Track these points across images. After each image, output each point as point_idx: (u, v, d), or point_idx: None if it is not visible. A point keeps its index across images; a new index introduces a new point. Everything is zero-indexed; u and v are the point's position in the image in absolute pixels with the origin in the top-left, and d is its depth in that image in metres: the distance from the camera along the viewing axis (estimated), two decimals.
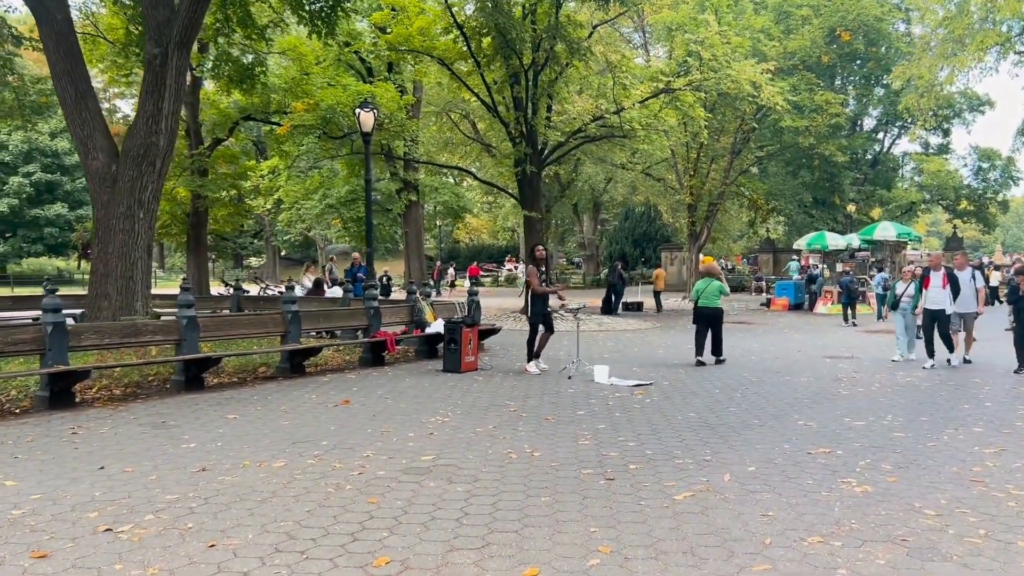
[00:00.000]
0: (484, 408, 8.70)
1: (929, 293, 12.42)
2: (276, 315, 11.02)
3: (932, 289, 12.38)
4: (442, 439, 7.12)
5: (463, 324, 11.46)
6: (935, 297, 12.32)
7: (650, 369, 12.12)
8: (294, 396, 9.37)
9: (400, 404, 8.90)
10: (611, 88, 19.88)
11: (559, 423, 7.91)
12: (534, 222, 23.18)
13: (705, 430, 7.62)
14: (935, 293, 12.33)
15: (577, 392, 9.89)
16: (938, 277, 12.38)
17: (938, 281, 12.36)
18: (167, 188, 29.99)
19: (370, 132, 14.20)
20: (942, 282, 12.30)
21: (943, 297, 12.26)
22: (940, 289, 12.29)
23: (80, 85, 13.22)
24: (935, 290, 12.35)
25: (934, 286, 12.39)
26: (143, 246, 13.16)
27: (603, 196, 57.98)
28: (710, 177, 33.25)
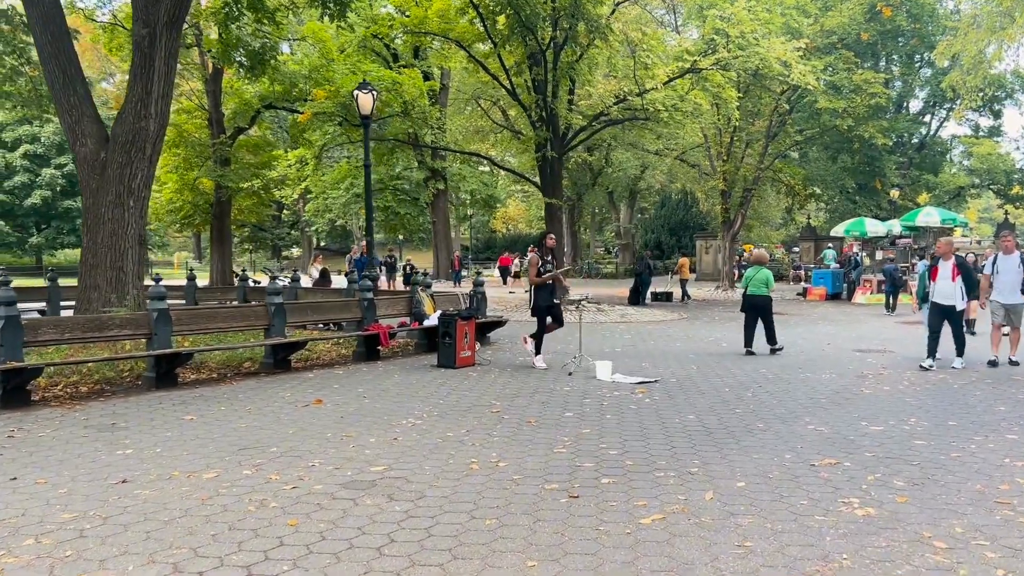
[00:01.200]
0: (465, 409, 8.00)
1: (936, 286, 10.79)
2: (259, 308, 10.44)
3: (940, 281, 10.74)
4: (404, 445, 6.45)
5: (458, 316, 10.77)
6: (943, 290, 10.68)
7: (662, 364, 11.31)
8: (268, 394, 8.78)
9: (376, 404, 8.24)
10: (633, 68, 18.97)
11: (540, 427, 7.18)
12: (555, 209, 22.41)
13: (701, 436, 6.83)
14: (943, 286, 10.69)
15: (573, 390, 9.14)
16: (947, 267, 10.70)
17: (947, 272, 10.69)
18: (189, 178, 29.90)
19: (369, 115, 13.55)
20: (951, 273, 10.62)
21: (952, 290, 10.59)
22: (949, 282, 10.64)
23: (68, 69, 12.78)
24: (943, 282, 10.70)
25: (942, 277, 10.73)
26: (133, 235, 12.70)
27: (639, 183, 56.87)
28: (744, 162, 32.09)
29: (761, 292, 12.52)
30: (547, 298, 10.86)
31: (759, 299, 12.53)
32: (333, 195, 37.13)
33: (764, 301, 12.53)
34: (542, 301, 10.84)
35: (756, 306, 12.54)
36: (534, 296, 10.90)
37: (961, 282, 10.57)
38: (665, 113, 19.34)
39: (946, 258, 10.77)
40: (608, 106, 20.45)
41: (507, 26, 19.25)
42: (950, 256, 10.76)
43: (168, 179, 29.97)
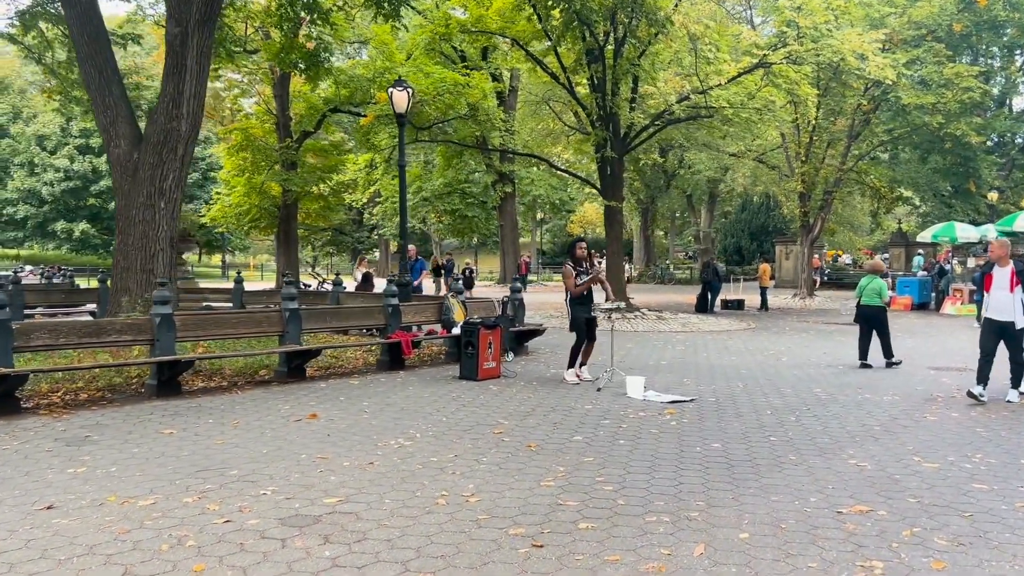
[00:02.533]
0: (466, 428, 7.30)
1: (991, 297, 8.94)
2: (273, 313, 9.98)
3: (995, 292, 8.87)
4: (377, 472, 5.79)
5: (481, 325, 10.08)
6: (999, 303, 8.78)
7: (707, 380, 10.36)
8: (266, 406, 8.26)
9: (373, 420, 7.62)
10: (695, 63, 17.93)
11: (540, 452, 6.42)
12: (615, 212, 21.50)
13: (719, 469, 5.95)
14: (999, 297, 8.79)
15: (596, 409, 8.33)
16: (1003, 275, 8.75)
17: (1003, 281, 8.75)
18: (256, 182, 30.12)
19: (404, 113, 13.01)
20: (1009, 282, 8.69)
21: (1010, 303, 8.66)
22: (1006, 292, 8.70)
23: (104, 70, 12.67)
24: (999, 293, 8.80)
25: (997, 287, 8.83)
26: (164, 238, 12.48)
27: (719, 186, 55.17)
28: (825, 163, 30.42)
29: (874, 302, 11.97)
30: (584, 311, 10.06)
31: (872, 310, 11.97)
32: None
33: (878, 312, 11.95)
34: (581, 314, 10.05)
35: (869, 317, 11.97)
36: (570, 310, 10.12)
37: (1022, 293, 8.68)
38: (730, 111, 18.21)
39: (1003, 263, 8.84)
40: (670, 104, 19.42)
41: (561, 21, 18.46)
42: (1008, 260, 8.82)
43: (236, 183, 30.26)
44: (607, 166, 21.23)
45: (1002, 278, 8.75)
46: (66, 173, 45.19)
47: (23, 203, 46.18)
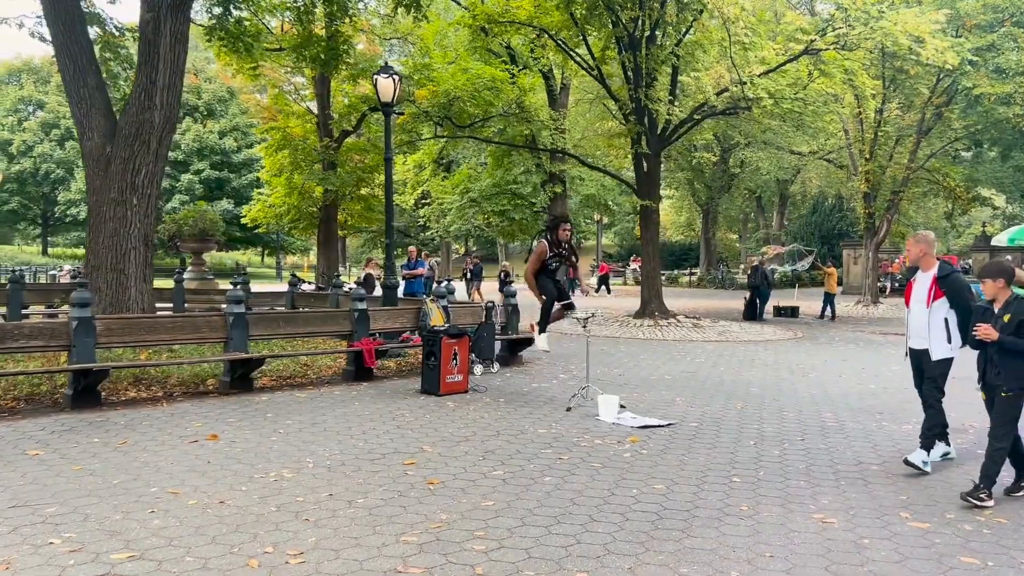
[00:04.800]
0: (375, 457, 6.25)
1: (908, 315, 6.24)
2: (215, 318, 9.10)
3: (912, 306, 6.19)
4: (217, 515, 4.80)
5: (444, 334, 9.00)
6: (914, 323, 6.13)
7: (703, 400, 9.06)
8: (175, 422, 7.36)
9: (279, 444, 6.63)
10: (729, 49, 16.47)
11: (437, 491, 5.32)
12: (650, 213, 20.13)
13: (640, 522, 4.77)
14: (915, 314, 6.14)
15: (549, 434, 7.17)
16: (923, 283, 6.09)
17: (921, 291, 6.09)
18: (297, 182, 29.70)
19: (390, 102, 12.04)
20: (927, 294, 5.99)
21: (924, 324, 5.97)
22: (923, 307, 6.01)
23: (79, 59, 12.05)
24: (915, 308, 6.14)
25: (915, 300, 6.16)
26: (137, 236, 11.78)
27: (790, 187, 52.83)
28: (893, 161, 28.31)
29: None
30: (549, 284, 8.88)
31: None
32: (448, 199, 36.19)
33: None
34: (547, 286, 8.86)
35: None
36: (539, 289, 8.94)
37: (947, 310, 5.90)
38: (769, 102, 16.67)
39: (925, 266, 6.09)
40: (707, 96, 17.98)
41: (586, 6, 17.25)
42: (932, 262, 6.03)
43: (276, 183, 29.92)
44: (642, 163, 19.92)
45: (921, 288, 6.09)
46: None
47: (84, 204, 47.28)
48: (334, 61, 19.51)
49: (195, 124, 47.35)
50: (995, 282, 5.29)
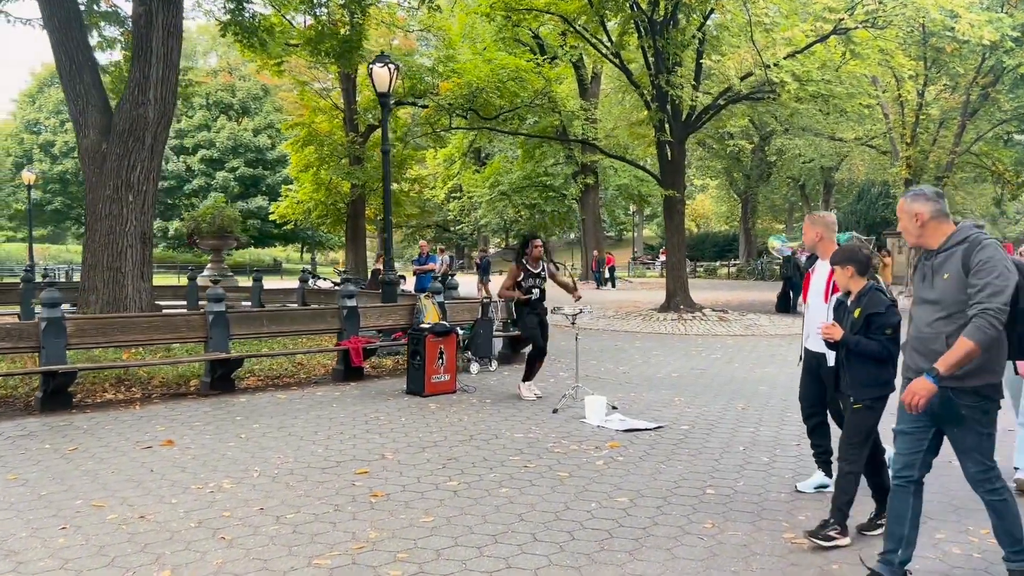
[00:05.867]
0: (329, 465, 5.88)
1: (806, 311, 5.27)
2: (195, 318, 8.84)
3: (810, 300, 5.22)
4: (126, 533, 4.48)
5: (429, 332, 8.61)
6: (812, 322, 5.01)
7: (705, 400, 8.53)
8: (139, 426, 7.09)
9: (235, 450, 6.30)
10: (749, 28, 15.76)
11: (378, 505, 4.94)
12: (675, 203, 19.46)
13: (588, 541, 4.34)
14: (813, 311, 5.14)
15: (526, 439, 6.73)
16: (822, 274, 5.07)
17: (820, 283, 5.10)
18: (323, 177, 29.60)
19: (387, 92, 11.67)
20: (826, 286, 5.00)
21: (823, 320, 4.62)
22: (821, 302, 5.03)
23: (76, 56, 11.94)
24: (814, 303, 5.16)
25: (813, 293, 5.19)
26: (134, 233, 11.64)
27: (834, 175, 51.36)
28: (937, 145, 27.16)
29: None
30: (533, 317, 8.44)
31: None
32: (477, 193, 35.88)
33: None
34: (529, 322, 8.43)
35: None
36: (518, 315, 8.51)
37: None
38: (794, 85, 15.91)
39: (822, 253, 5.09)
40: (731, 80, 17.27)
41: None
42: (830, 249, 4.89)
43: (304, 179, 29.87)
44: (666, 151, 19.29)
45: (819, 279, 5.10)
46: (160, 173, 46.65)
47: None
48: (348, 55, 19.24)
49: (229, 122, 47.77)
50: (844, 270, 4.30)
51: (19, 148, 51.27)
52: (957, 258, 3.50)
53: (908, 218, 3.66)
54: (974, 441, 3.55)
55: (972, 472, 3.62)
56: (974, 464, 3.59)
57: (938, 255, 3.60)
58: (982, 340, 3.33)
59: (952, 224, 3.62)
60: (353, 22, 19.32)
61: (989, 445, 3.59)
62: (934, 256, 3.63)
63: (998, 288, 3.34)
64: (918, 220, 3.63)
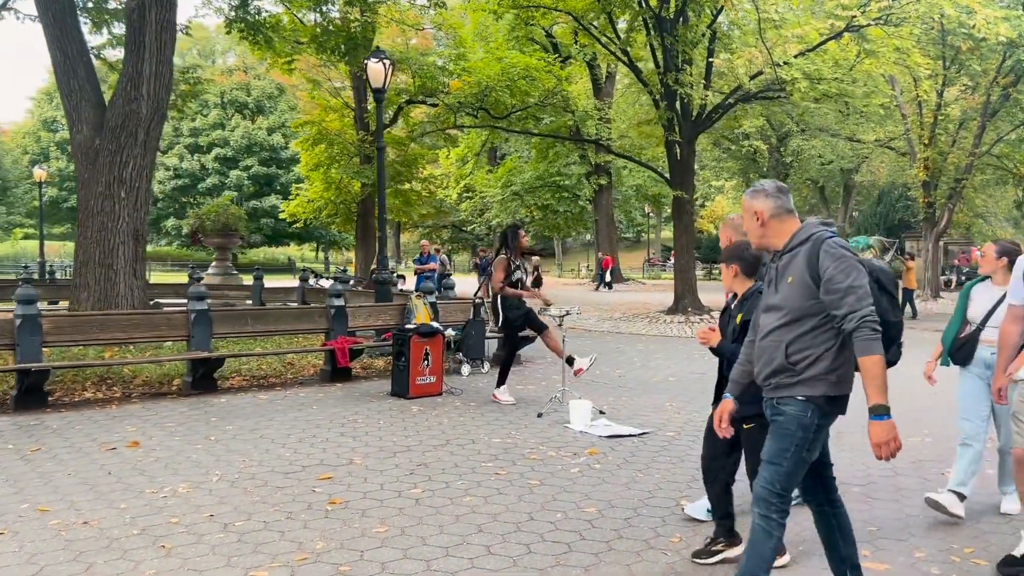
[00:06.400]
0: (294, 469, 5.69)
1: None
2: (176, 316, 8.68)
3: None
4: (63, 540, 4.30)
5: (415, 333, 8.40)
6: None
7: (700, 405, 8.25)
8: (107, 428, 6.92)
9: (202, 453, 6.11)
10: (759, 25, 15.45)
11: (334, 513, 4.73)
12: (684, 204, 19.18)
13: (552, 555, 4.11)
14: None
15: (504, 444, 6.50)
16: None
17: None
18: (333, 176, 29.46)
19: (381, 88, 11.47)
20: None
21: None
22: None
23: (70, 51, 11.83)
24: None
25: None
26: (126, 230, 11.52)
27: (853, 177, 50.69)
28: (955, 146, 26.62)
29: None
30: (517, 311, 8.21)
31: None
32: (489, 193, 35.62)
33: None
34: (514, 317, 8.20)
35: None
36: (501, 309, 8.26)
37: None
38: (804, 83, 15.58)
39: None
40: (740, 79, 16.96)
41: None
42: None
43: (314, 177, 29.75)
44: (675, 150, 19.01)
45: None
46: (175, 171, 46.87)
47: None
48: (355, 52, 19.05)
49: (244, 121, 47.87)
50: (728, 268, 3.93)
51: (36, 146, 51.71)
52: (801, 260, 3.09)
53: (749, 216, 3.27)
54: (777, 455, 3.12)
55: (760, 484, 3.18)
56: (764, 479, 3.16)
57: (782, 256, 3.21)
58: (879, 348, 2.95)
59: (797, 222, 3.22)
60: (364, 20, 19.12)
61: (792, 470, 3.11)
62: (779, 258, 3.24)
63: (862, 290, 2.98)
64: (758, 218, 3.23)
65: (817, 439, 3.16)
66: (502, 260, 8.10)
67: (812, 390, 3.09)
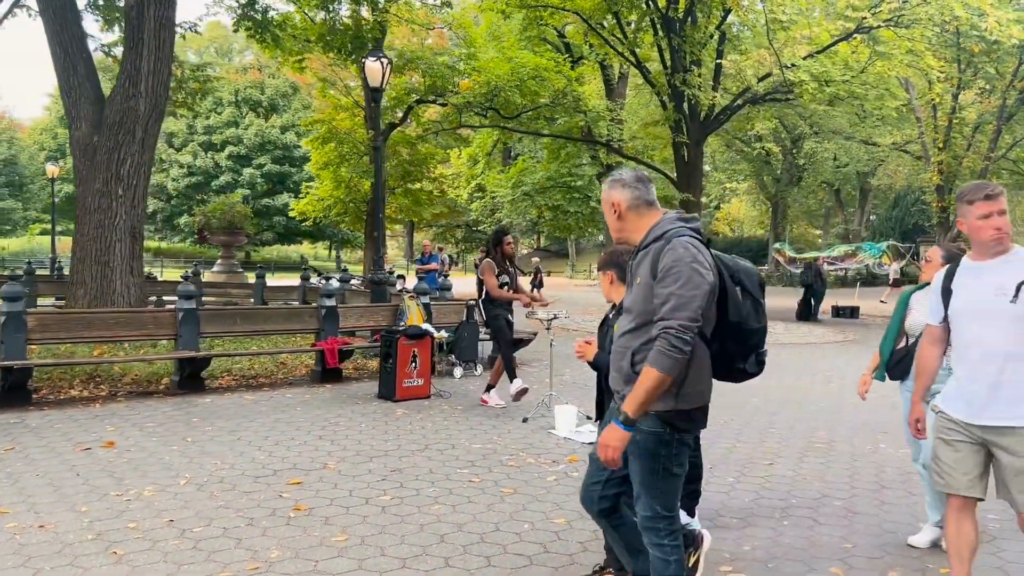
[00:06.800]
0: (265, 474, 5.60)
1: None
2: (163, 315, 8.63)
3: None
4: (15, 545, 4.23)
5: (403, 335, 8.31)
6: None
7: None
8: (86, 427, 6.86)
9: (172, 456, 6.04)
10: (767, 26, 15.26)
11: (296, 520, 4.63)
12: (691, 206, 19.00)
13: (510, 568, 4.00)
14: None
15: (484, 449, 6.39)
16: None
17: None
18: (343, 175, 29.45)
19: (379, 87, 11.39)
20: None
21: None
22: None
23: (70, 48, 11.83)
24: None
25: None
26: (123, 227, 11.49)
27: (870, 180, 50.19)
28: (971, 150, 26.30)
29: None
30: (506, 311, 8.11)
31: None
32: (500, 193, 35.48)
33: None
34: (502, 312, 8.09)
35: None
36: (484, 312, 8.15)
37: None
38: (812, 85, 15.37)
39: None
40: (748, 81, 16.77)
41: None
42: None
43: (324, 176, 29.75)
44: (682, 152, 18.83)
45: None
46: (189, 169, 47.04)
47: (152, 198, 48.47)
48: (360, 51, 19.01)
49: (257, 119, 48.00)
50: (604, 275, 3.78)
51: (53, 142, 52.05)
52: (649, 259, 2.85)
53: (607, 208, 3.03)
54: (645, 477, 2.93)
55: (640, 512, 3.00)
56: (642, 506, 2.97)
57: (637, 254, 2.97)
58: (666, 366, 2.67)
59: (657, 215, 2.96)
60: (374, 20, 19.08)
61: (665, 488, 2.93)
62: (635, 255, 2.99)
63: (683, 299, 2.69)
64: (615, 210, 2.99)
65: (682, 452, 2.93)
66: (490, 264, 8.00)
67: (661, 404, 2.82)
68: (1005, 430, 3.10)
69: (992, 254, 3.16)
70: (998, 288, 3.09)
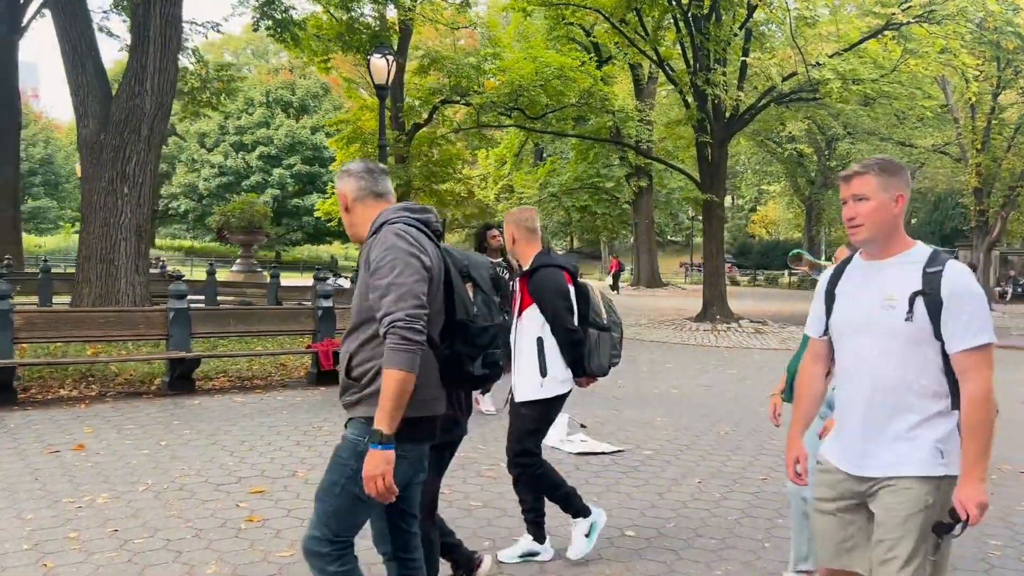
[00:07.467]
0: (229, 481, 5.39)
1: None
2: (154, 314, 8.49)
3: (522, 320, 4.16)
4: None
5: None
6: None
7: (693, 420, 7.80)
8: (63, 429, 6.73)
9: (139, 460, 5.86)
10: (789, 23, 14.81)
11: (247, 531, 4.42)
12: (714, 208, 18.58)
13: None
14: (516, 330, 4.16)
15: (467, 457, 6.12)
16: None
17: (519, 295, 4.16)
18: None
19: (384, 84, 11.19)
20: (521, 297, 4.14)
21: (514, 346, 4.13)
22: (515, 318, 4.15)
23: (79, 46, 11.81)
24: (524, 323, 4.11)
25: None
26: (129, 226, 11.44)
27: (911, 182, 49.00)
28: (1012, 152, 25.48)
29: None
30: None
31: None
32: (527, 194, 35.24)
33: None
34: None
35: None
36: None
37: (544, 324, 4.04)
38: (837, 83, 14.87)
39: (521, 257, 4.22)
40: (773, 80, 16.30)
41: None
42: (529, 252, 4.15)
43: None
44: (706, 152, 18.41)
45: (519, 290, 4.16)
46: (220, 168, 47.47)
47: (184, 197, 48.99)
48: None
49: (288, 120, 48.34)
50: None
51: None
52: (365, 251, 2.59)
53: (340, 201, 2.75)
54: (326, 487, 2.57)
55: (308, 529, 2.63)
56: (311, 522, 2.61)
57: (364, 249, 2.69)
58: (404, 362, 2.35)
59: (384, 206, 2.66)
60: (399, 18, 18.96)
61: (340, 504, 2.54)
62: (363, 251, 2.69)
63: (404, 288, 2.41)
64: (343, 203, 2.73)
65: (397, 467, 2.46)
66: None
67: (367, 408, 2.48)
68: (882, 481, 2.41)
69: (881, 253, 2.48)
70: (886, 299, 2.40)
